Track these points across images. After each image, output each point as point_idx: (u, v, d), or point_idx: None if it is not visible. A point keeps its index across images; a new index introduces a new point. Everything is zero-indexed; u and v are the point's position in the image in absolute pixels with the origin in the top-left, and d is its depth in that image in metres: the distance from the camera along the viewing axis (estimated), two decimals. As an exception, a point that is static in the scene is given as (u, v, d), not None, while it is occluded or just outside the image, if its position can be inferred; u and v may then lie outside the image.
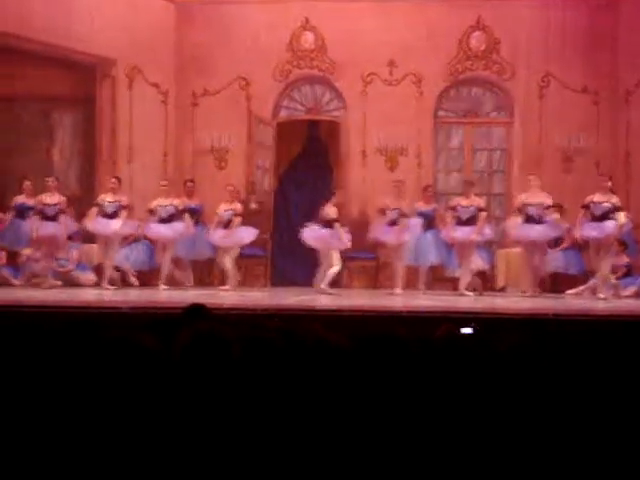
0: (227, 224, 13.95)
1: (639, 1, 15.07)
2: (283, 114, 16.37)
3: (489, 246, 14.66)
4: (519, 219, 13.15)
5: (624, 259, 13.58)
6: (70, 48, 14.67)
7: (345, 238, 13.43)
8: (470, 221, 13.22)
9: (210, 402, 3.27)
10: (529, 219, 13.01)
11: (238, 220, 13.95)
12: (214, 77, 15.82)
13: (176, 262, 14.42)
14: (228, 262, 13.90)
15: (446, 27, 15.52)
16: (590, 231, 12.68)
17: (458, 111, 16.11)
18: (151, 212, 13.96)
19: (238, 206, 14.10)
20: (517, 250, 14.35)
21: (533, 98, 15.59)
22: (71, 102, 15.72)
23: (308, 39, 15.96)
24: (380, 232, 13.72)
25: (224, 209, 14.02)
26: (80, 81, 15.44)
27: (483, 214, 13.28)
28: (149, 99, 15.68)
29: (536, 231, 12.98)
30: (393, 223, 13.54)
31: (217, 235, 13.93)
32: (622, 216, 12.64)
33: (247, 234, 14.03)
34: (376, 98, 15.62)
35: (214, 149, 15.80)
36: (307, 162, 16.57)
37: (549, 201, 13.01)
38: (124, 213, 13.64)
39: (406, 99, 15.60)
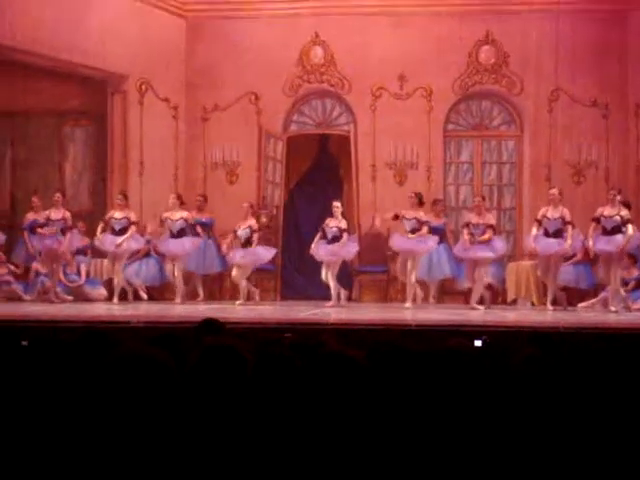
0: (245, 242, 13.70)
1: (648, 14, 15.12)
2: (293, 128, 16.42)
3: (500, 259, 14.63)
4: (539, 232, 12.97)
5: (634, 272, 13.57)
6: (82, 63, 14.76)
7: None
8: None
9: (223, 417, 3.28)
10: (548, 233, 12.90)
11: (256, 237, 13.70)
12: (224, 92, 15.87)
13: (187, 276, 14.45)
14: (242, 279, 13.70)
15: (456, 41, 15.55)
16: (603, 245, 12.63)
17: (468, 125, 16.14)
18: (161, 223, 13.91)
19: (254, 222, 13.85)
20: (527, 263, 14.34)
21: (542, 112, 15.59)
22: (83, 117, 15.82)
23: (318, 54, 16.01)
24: (399, 242, 13.47)
25: (241, 227, 13.73)
26: (92, 96, 15.54)
27: (490, 231, 13.18)
28: (160, 114, 15.75)
29: (556, 245, 12.84)
30: (412, 232, 13.27)
31: (237, 255, 13.64)
32: (630, 228, 12.61)
33: (266, 253, 13.90)
34: (386, 112, 15.65)
35: (225, 163, 15.81)
36: (317, 176, 16.56)
37: (569, 216, 12.83)
38: (132, 229, 13.66)
39: (416, 113, 15.61)
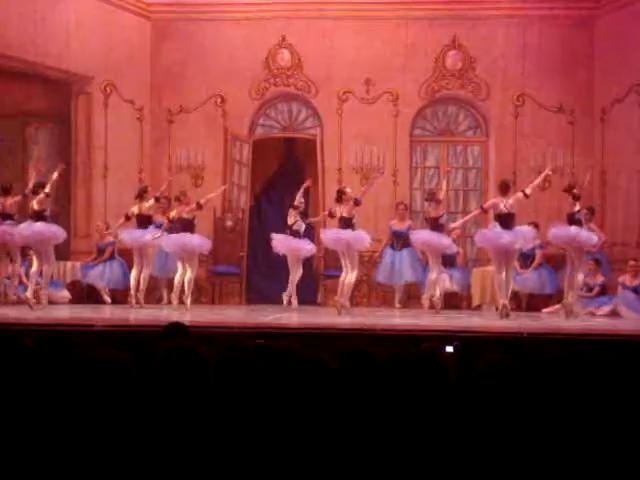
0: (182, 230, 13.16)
1: (614, 20, 15.19)
2: (259, 132, 16.37)
3: (465, 265, 14.67)
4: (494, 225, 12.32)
5: (599, 278, 13.65)
6: (46, 65, 14.63)
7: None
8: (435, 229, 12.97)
9: (186, 420, 3.24)
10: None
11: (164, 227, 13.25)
12: (190, 94, 15.83)
13: (152, 281, 14.38)
14: (187, 279, 13.13)
15: (422, 46, 15.61)
16: (563, 233, 12.22)
17: (434, 130, 16.17)
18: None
19: (172, 213, 13.36)
20: (492, 268, 14.34)
21: (508, 117, 15.67)
22: (47, 118, 15.69)
23: (284, 57, 15.99)
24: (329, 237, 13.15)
25: (181, 213, 13.26)
26: (56, 97, 15.42)
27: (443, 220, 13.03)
28: (125, 116, 15.67)
29: (508, 236, 12.02)
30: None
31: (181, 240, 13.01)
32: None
33: (202, 240, 13.33)
34: (352, 116, 15.67)
35: (190, 166, 15.75)
36: (283, 180, 16.56)
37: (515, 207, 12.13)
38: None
39: (382, 117, 15.66)
